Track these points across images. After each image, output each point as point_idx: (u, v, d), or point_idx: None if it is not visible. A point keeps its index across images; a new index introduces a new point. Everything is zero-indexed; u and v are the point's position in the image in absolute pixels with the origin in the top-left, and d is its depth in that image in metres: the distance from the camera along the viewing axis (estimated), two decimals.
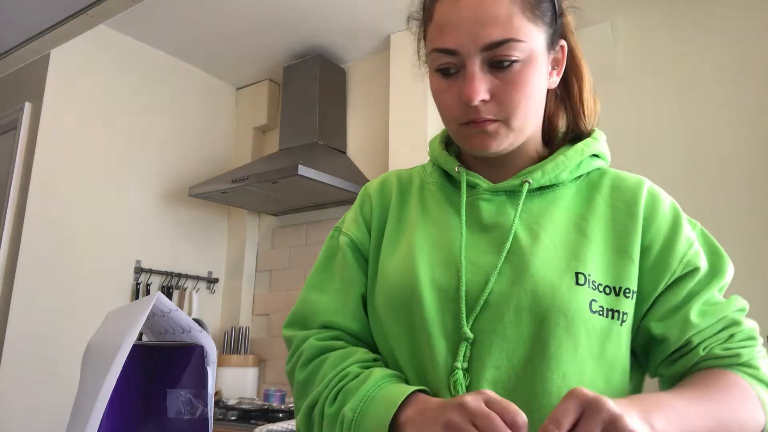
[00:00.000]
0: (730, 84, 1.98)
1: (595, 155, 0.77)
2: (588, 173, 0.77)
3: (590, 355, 0.65)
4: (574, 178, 0.76)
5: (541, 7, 0.69)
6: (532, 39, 0.68)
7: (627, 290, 0.67)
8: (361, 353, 0.72)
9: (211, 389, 0.75)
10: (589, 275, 0.66)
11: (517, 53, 0.67)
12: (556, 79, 0.76)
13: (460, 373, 0.65)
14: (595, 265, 0.67)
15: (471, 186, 0.76)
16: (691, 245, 0.70)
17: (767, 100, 1.91)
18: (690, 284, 0.69)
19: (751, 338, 0.69)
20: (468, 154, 0.78)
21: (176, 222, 2.94)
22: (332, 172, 2.56)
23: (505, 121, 0.70)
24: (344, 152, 2.97)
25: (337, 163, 2.76)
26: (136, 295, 2.72)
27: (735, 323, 0.69)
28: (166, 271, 2.83)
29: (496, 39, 0.66)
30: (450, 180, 0.80)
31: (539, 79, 0.70)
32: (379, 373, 0.67)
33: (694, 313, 0.68)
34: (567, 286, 0.65)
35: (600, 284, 0.66)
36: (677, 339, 0.68)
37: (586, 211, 0.72)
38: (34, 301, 2.37)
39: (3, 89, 2.80)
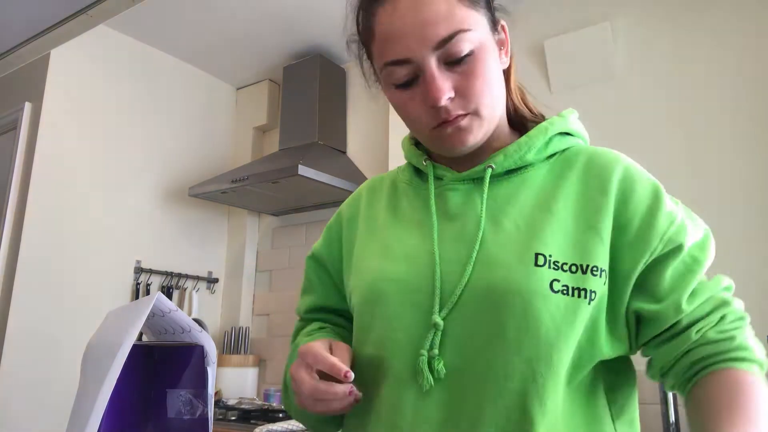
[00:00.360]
0: (731, 84, 1.98)
1: (566, 134, 0.76)
2: (563, 151, 0.75)
3: (557, 335, 0.63)
4: (547, 158, 0.74)
5: None
6: (478, 25, 0.68)
7: (594, 268, 0.65)
8: (308, 329, 0.85)
9: (211, 389, 0.75)
10: (550, 255, 0.65)
11: (468, 44, 0.67)
12: (506, 60, 0.76)
13: (425, 358, 0.66)
14: (559, 243, 0.66)
15: (438, 178, 0.76)
16: (673, 221, 0.68)
17: (767, 100, 1.91)
18: (674, 263, 0.67)
19: (742, 318, 0.68)
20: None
21: (176, 222, 2.94)
22: (332, 172, 2.56)
23: (476, 113, 0.69)
24: (344, 152, 2.97)
25: (337, 163, 2.76)
26: (136, 295, 2.72)
27: (724, 303, 0.68)
28: (166, 271, 2.83)
29: (445, 34, 0.66)
30: (420, 175, 0.81)
31: (495, 64, 0.71)
32: (302, 338, 0.82)
33: (685, 295, 0.66)
34: (524, 268, 0.64)
35: (564, 263, 0.65)
36: (666, 320, 0.66)
37: (556, 188, 0.71)
38: (34, 301, 2.37)
39: (3, 89, 2.80)
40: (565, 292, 0.63)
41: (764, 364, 0.66)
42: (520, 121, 0.80)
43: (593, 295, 0.64)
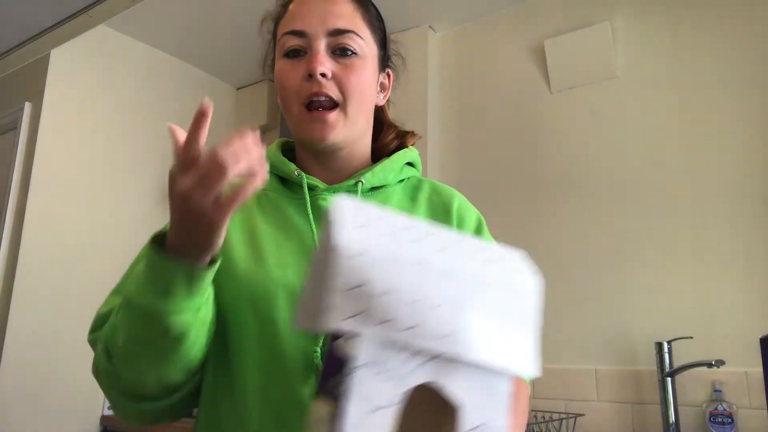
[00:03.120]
0: (730, 84, 1.98)
1: (409, 164, 0.90)
2: (408, 179, 0.89)
3: None
4: (399, 182, 0.87)
5: (375, 26, 0.83)
6: (369, 42, 0.81)
7: None
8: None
9: None
10: None
11: (356, 46, 0.78)
12: (382, 99, 0.88)
13: (318, 354, 0.69)
14: None
15: (310, 188, 0.81)
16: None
17: (767, 101, 1.91)
18: None
19: None
20: (304, 160, 0.85)
21: None
22: None
23: (343, 107, 0.77)
24: None
25: None
26: None
27: None
28: None
29: (341, 27, 0.77)
30: (286, 184, 0.84)
31: (371, 81, 0.81)
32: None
33: None
34: None
35: None
36: None
37: (411, 208, 0.84)
38: (34, 302, 2.37)
39: (3, 89, 2.80)
40: None
41: None
42: (379, 155, 0.90)
43: None
